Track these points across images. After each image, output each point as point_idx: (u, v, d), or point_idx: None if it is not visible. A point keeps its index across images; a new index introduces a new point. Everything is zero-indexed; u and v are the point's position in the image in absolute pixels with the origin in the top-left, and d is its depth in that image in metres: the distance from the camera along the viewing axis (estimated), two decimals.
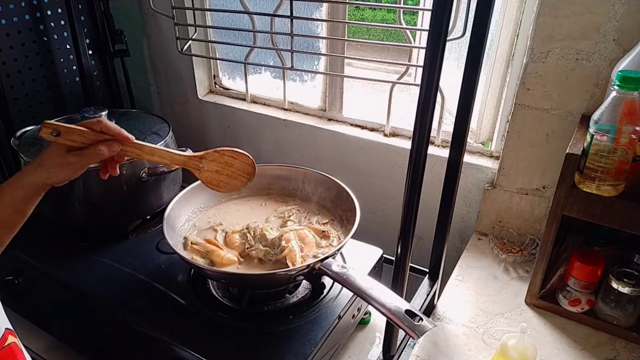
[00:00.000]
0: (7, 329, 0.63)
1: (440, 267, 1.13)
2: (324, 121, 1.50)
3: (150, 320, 0.93)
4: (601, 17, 0.95)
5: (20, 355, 0.64)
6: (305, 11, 1.40)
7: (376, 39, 2.71)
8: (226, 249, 0.98)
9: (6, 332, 0.62)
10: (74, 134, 0.72)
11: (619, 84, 0.77)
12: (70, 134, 0.72)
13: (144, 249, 1.12)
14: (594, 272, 0.95)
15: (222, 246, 0.99)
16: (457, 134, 0.96)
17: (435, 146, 1.34)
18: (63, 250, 1.13)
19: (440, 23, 0.59)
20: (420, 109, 0.64)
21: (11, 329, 0.64)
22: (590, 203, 0.87)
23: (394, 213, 1.44)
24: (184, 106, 1.72)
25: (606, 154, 0.81)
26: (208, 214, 1.10)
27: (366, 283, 0.79)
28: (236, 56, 1.61)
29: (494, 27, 1.16)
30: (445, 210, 1.04)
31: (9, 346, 0.62)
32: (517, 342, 0.80)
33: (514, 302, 1.06)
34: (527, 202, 1.20)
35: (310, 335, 0.89)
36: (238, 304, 0.95)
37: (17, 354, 0.63)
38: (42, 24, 1.43)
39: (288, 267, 0.90)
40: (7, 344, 0.61)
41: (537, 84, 1.07)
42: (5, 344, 0.61)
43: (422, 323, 0.70)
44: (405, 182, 0.71)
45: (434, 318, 1.03)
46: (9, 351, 0.61)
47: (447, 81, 1.29)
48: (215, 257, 0.96)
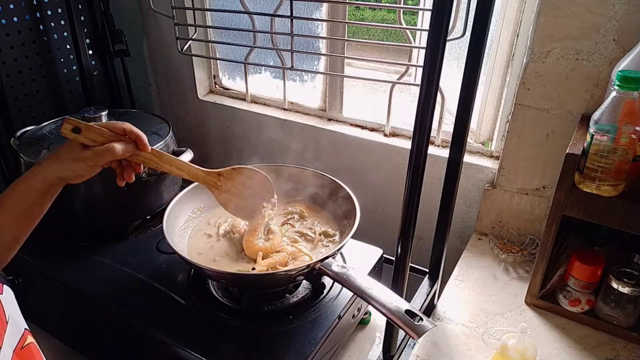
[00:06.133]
0: (26, 329, 0.63)
1: (440, 267, 1.13)
2: (324, 121, 1.50)
3: (150, 320, 0.93)
4: (601, 17, 0.95)
5: (38, 355, 0.64)
6: (305, 11, 1.40)
7: (376, 39, 2.71)
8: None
9: (25, 332, 0.62)
10: (93, 132, 0.74)
11: (619, 84, 0.77)
12: (90, 132, 0.73)
13: (144, 249, 1.12)
14: (594, 272, 0.95)
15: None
16: (457, 134, 0.96)
17: (435, 146, 1.34)
18: (63, 250, 1.13)
19: (440, 23, 0.59)
20: (420, 109, 0.64)
21: (29, 329, 0.64)
22: (590, 203, 0.87)
23: (394, 213, 1.44)
24: (184, 106, 1.71)
25: (606, 154, 0.81)
26: (208, 214, 1.10)
27: (366, 283, 0.79)
28: (236, 56, 1.61)
29: (494, 27, 1.16)
30: (445, 210, 1.04)
31: (27, 346, 0.62)
32: (517, 342, 0.80)
33: (514, 302, 1.06)
34: (527, 202, 1.20)
35: (310, 335, 0.89)
36: (238, 304, 0.95)
37: (36, 354, 0.63)
38: (42, 24, 1.43)
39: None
40: (26, 344, 0.62)
41: (537, 84, 1.07)
42: (25, 343, 0.61)
43: (422, 323, 0.70)
44: (405, 182, 0.71)
45: (434, 318, 1.03)
46: (28, 351, 0.61)
47: (447, 81, 1.29)
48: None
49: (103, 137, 0.74)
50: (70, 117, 0.73)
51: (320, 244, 1.01)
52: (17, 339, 0.60)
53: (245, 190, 0.94)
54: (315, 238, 1.01)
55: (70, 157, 0.73)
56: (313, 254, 0.96)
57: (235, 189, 0.92)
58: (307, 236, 1.02)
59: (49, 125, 1.20)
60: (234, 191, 0.93)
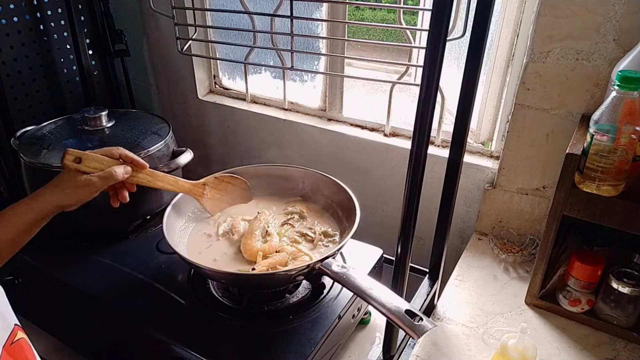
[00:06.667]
0: (16, 324, 0.64)
1: (440, 267, 1.13)
2: (324, 121, 1.50)
3: (150, 320, 0.93)
4: (601, 17, 0.95)
5: (29, 351, 0.64)
6: (305, 11, 1.40)
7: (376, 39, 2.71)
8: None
9: (15, 327, 0.63)
10: (93, 160, 0.81)
11: (619, 84, 0.77)
12: (90, 161, 0.81)
13: (144, 249, 1.12)
14: (594, 272, 0.95)
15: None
16: (457, 134, 0.96)
17: (435, 146, 1.34)
18: (63, 250, 1.13)
19: (440, 23, 0.59)
20: (420, 109, 0.64)
21: (19, 325, 0.64)
22: (590, 203, 0.87)
23: (394, 213, 1.44)
24: (184, 106, 1.71)
25: (606, 154, 0.81)
26: (208, 214, 1.10)
27: (366, 283, 0.79)
28: (236, 56, 1.61)
29: (494, 27, 1.16)
30: (445, 210, 1.04)
31: (18, 342, 0.62)
32: (517, 342, 0.80)
33: (514, 302, 1.06)
34: (527, 202, 1.20)
35: (310, 335, 0.89)
36: (238, 304, 0.95)
37: (26, 350, 0.64)
38: (42, 24, 1.43)
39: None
40: (16, 339, 0.62)
41: (537, 84, 1.07)
42: (15, 339, 0.62)
43: (422, 323, 0.70)
44: (405, 182, 0.70)
45: (434, 318, 1.03)
46: (18, 347, 0.62)
47: (447, 81, 1.29)
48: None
49: (102, 164, 0.81)
50: (70, 149, 0.79)
51: (321, 244, 1.01)
52: (6, 334, 0.61)
53: (227, 195, 1.06)
54: (315, 238, 1.01)
55: (73, 185, 0.78)
56: (313, 254, 0.96)
57: (218, 194, 1.04)
58: (307, 236, 1.02)
59: (49, 125, 1.20)
60: (218, 197, 1.04)
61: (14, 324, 0.63)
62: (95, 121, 1.16)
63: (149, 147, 1.11)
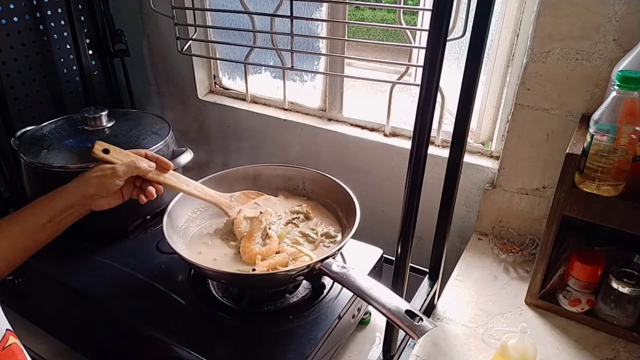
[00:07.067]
0: (8, 329, 0.63)
1: (440, 267, 1.13)
2: (324, 121, 1.50)
3: (150, 320, 0.93)
4: (601, 17, 0.95)
5: (21, 356, 0.64)
6: (305, 11, 1.40)
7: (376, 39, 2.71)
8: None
9: (7, 333, 0.63)
10: (120, 153, 0.87)
11: (619, 84, 0.77)
12: (117, 153, 0.87)
13: (144, 249, 1.12)
14: (594, 272, 0.95)
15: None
16: (457, 134, 0.96)
17: (435, 146, 1.34)
18: (63, 250, 1.12)
19: (440, 23, 0.59)
20: (420, 109, 0.64)
21: (11, 330, 0.64)
22: (590, 203, 0.87)
23: (394, 213, 1.44)
24: (184, 106, 1.71)
25: (606, 154, 0.81)
26: (208, 214, 1.10)
27: (366, 283, 0.79)
28: (236, 56, 1.61)
29: (494, 27, 1.16)
30: (445, 210, 1.04)
31: (9, 347, 0.62)
32: (517, 342, 0.80)
33: (514, 302, 1.06)
34: (527, 202, 1.20)
35: (310, 335, 0.89)
36: (238, 304, 0.95)
37: (18, 355, 0.63)
38: (42, 24, 1.43)
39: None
40: (7, 345, 0.62)
41: (537, 84, 1.07)
42: (6, 344, 0.61)
43: (422, 323, 0.70)
44: (405, 182, 0.70)
45: (434, 318, 1.03)
46: (9, 352, 0.62)
47: (447, 81, 1.29)
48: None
49: (128, 157, 0.87)
50: (99, 141, 0.86)
51: (322, 245, 1.01)
52: None
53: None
54: (317, 239, 1.01)
55: (98, 174, 0.83)
56: (314, 255, 0.96)
57: (242, 206, 1.07)
58: (308, 237, 1.02)
59: (49, 125, 1.20)
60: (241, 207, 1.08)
61: (5, 329, 0.63)
62: (95, 121, 1.16)
63: (149, 147, 1.11)
